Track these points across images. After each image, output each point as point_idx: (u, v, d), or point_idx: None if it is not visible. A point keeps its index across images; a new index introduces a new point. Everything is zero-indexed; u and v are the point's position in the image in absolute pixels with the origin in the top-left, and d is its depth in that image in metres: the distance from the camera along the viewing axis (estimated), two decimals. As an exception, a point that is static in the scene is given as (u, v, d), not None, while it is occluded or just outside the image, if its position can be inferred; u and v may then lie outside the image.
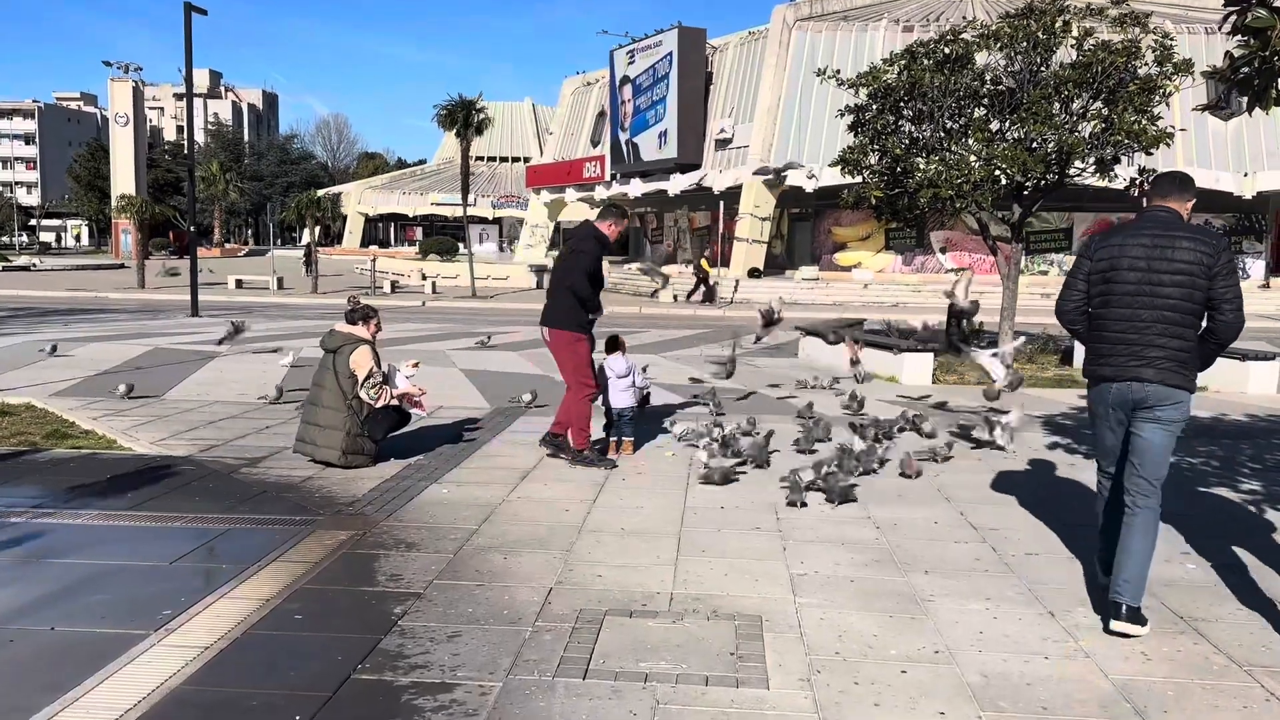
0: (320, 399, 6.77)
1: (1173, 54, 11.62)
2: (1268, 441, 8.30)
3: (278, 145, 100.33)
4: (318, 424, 6.75)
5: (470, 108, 30.03)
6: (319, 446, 6.73)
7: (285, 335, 16.44)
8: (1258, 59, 4.19)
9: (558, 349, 6.95)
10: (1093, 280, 4.24)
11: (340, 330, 6.97)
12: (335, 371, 6.74)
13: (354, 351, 6.75)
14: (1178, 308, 4.03)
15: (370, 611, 4.18)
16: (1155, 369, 4.05)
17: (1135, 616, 4.04)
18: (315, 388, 6.87)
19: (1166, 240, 4.05)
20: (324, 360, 6.88)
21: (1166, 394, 4.06)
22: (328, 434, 6.70)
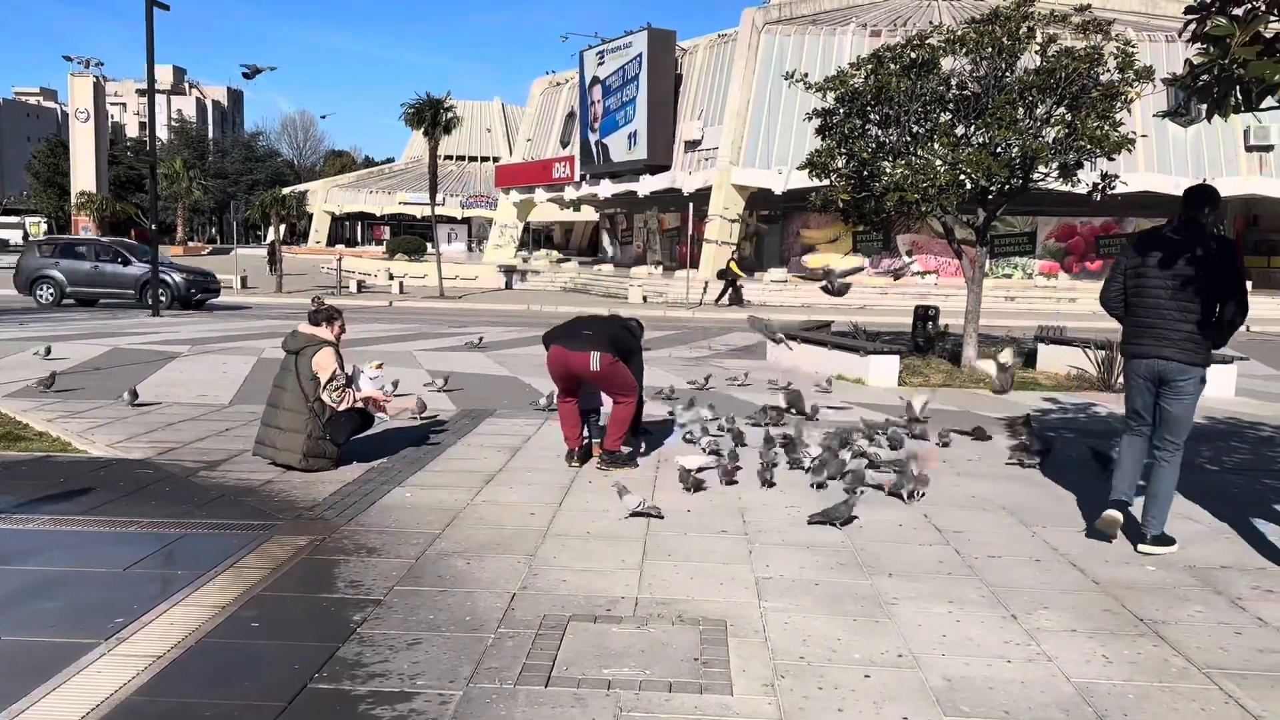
0: (281, 401, 6.66)
1: (1134, 61, 11.76)
2: (1226, 444, 8.41)
3: (243, 142, 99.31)
4: (278, 426, 6.65)
5: (438, 106, 29.87)
6: (279, 449, 6.62)
7: (247, 336, 16.24)
8: (1217, 66, 4.23)
9: (611, 376, 6.73)
10: (1128, 276, 5.38)
11: (303, 331, 6.85)
12: (297, 373, 6.63)
13: (316, 353, 6.64)
14: (1194, 299, 5.08)
15: (329, 619, 4.11)
16: (1176, 348, 5.15)
17: (1161, 540, 5.21)
18: (276, 389, 6.76)
19: (1187, 245, 5.12)
20: (285, 361, 6.77)
21: (1183, 369, 5.18)
22: (288, 436, 6.59)
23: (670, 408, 8.90)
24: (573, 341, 6.70)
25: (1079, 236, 32.27)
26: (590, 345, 6.64)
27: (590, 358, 6.60)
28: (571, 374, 6.75)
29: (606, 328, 6.93)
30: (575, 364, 6.65)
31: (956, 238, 12.86)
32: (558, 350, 6.77)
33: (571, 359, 6.66)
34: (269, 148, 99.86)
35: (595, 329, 6.82)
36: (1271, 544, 5.42)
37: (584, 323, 6.93)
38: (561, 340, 6.77)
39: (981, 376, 11.83)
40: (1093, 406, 10.33)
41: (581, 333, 6.75)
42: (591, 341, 6.67)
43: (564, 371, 6.78)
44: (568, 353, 6.69)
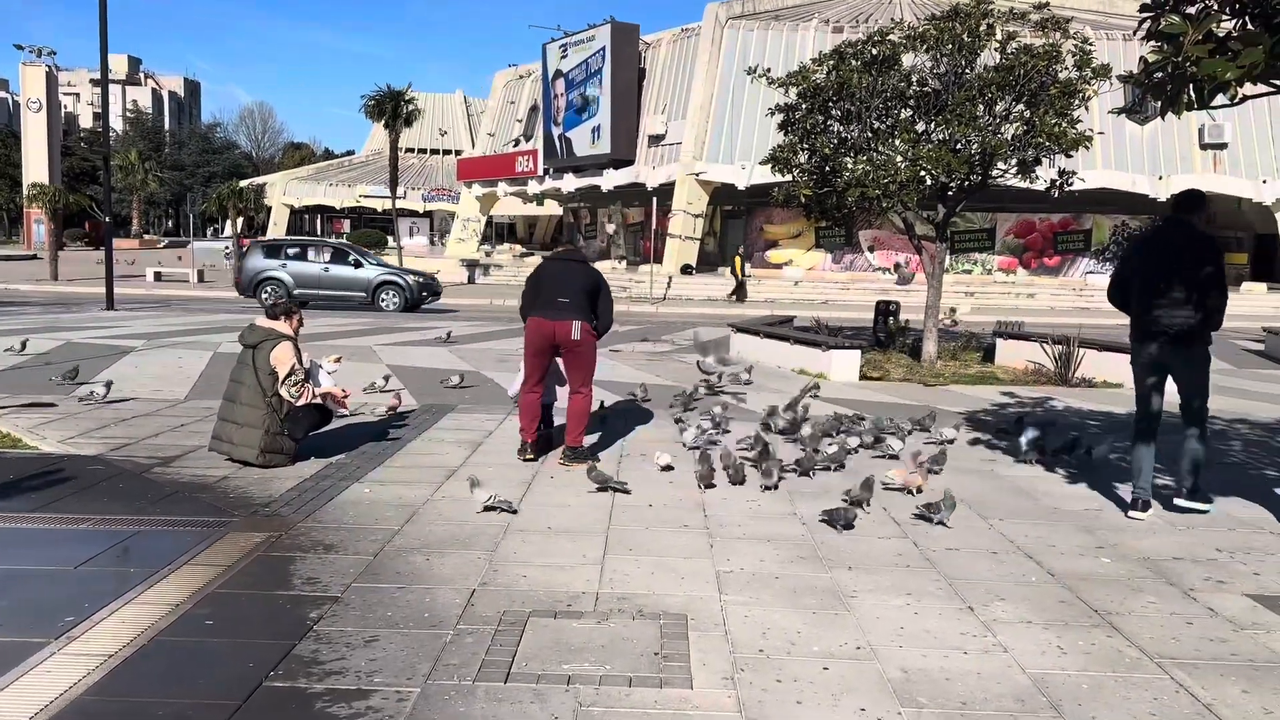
0: (238, 396, 6.57)
1: (1092, 59, 11.92)
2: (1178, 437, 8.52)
3: (200, 134, 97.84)
4: (235, 421, 6.55)
5: (399, 99, 29.65)
6: (236, 445, 6.53)
7: (203, 330, 16.00)
8: (1170, 64, 4.29)
9: (586, 349, 6.87)
10: (1132, 273, 6.05)
11: (260, 325, 6.76)
12: (255, 368, 6.54)
13: (275, 347, 6.56)
14: (1188, 284, 5.69)
15: (285, 616, 4.05)
16: (1177, 330, 5.79)
17: (1194, 494, 5.93)
18: (233, 384, 6.66)
19: (1180, 241, 5.81)
20: (243, 356, 6.68)
21: (1182, 350, 5.86)
22: (245, 432, 6.50)
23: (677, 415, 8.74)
24: (553, 311, 6.77)
25: (1037, 233, 32.71)
26: (571, 314, 6.76)
27: (572, 326, 6.73)
28: (552, 344, 6.82)
29: (577, 286, 6.88)
30: (559, 333, 6.76)
31: (917, 233, 12.97)
32: (538, 321, 6.82)
33: (556, 328, 6.75)
34: (227, 139, 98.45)
35: (570, 293, 6.81)
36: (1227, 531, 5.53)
37: (557, 287, 6.87)
38: (541, 310, 6.82)
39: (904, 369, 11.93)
40: (1050, 400, 10.47)
41: (557, 301, 6.79)
42: (570, 310, 6.77)
43: (545, 343, 6.83)
44: (549, 322, 6.77)
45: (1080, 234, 32.71)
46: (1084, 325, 19.52)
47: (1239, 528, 5.72)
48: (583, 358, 6.91)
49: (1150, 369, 6.03)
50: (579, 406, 6.98)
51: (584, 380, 6.99)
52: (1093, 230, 32.58)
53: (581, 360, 6.93)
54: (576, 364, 6.96)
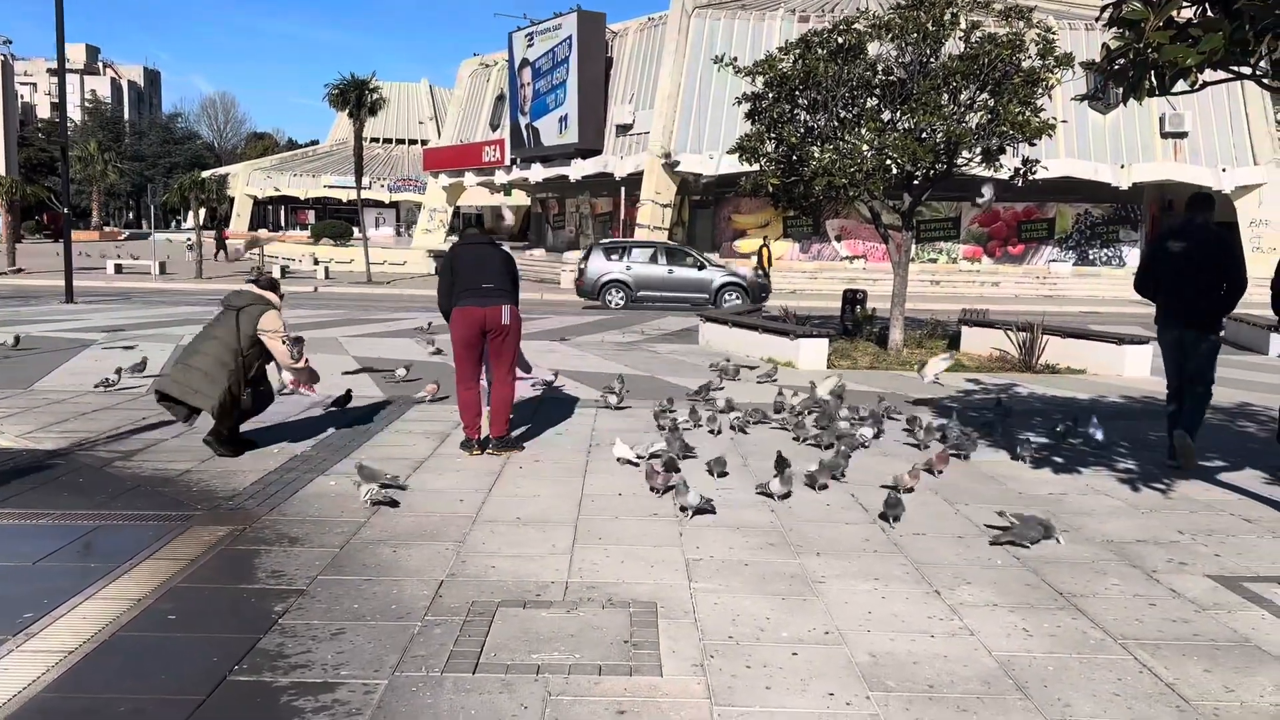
0: (210, 349, 6.50)
1: (1054, 47, 12.02)
2: (1140, 423, 8.66)
3: (160, 124, 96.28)
4: (203, 370, 6.44)
5: (363, 88, 29.29)
6: (195, 390, 6.39)
7: (164, 323, 15.76)
8: (1132, 51, 4.32)
9: (514, 334, 6.88)
10: (1152, 261, 7.02)
11: (250, 290, 6.81)
12: (238, 327, 6.56)
13: (265, 312, 6.63)
14: (1206, 276, 6.59)
15: (249, 610, 4.00)
16: (1194, 319, 6.68)
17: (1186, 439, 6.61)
18: (206, 338, 6.59)
19: (1199, 235, 6.68)
20: (224, 316, 6.64)
21: (1199, 337, 6.73)
22: (209, 383, 6.40)
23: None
24: (480, 298, 6.73)
25: (1002, 221, 32.98)
26: (498, 298, 6.75)
27: (502, 311, 6.73)
28: (482, 331, 6.75)
29: (498, 269, 6.86)
30: (489, 319, 6.72)
31: (883, 222, 13.04)
32: (466, 310, 6.73)
33: (486, 315, 6.71)
34: (188, 130, 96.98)
35: (493, 277, 6.79)
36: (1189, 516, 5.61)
37: (478, 273, 6.81)
38: (466, 299, 6.74)
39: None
40: (1014, 387, 10.57)
41: (482, 286, 6.75)
42: (497, 294, 6.76)
43: (474, 333, 6.75)
44: (479, 309, 6.71)
45: (1044, 222, 33.03)
46: (1048, 312, 19.75)
47: (1200, 510, 5.80)
48: (510, 345, 6.90)
49: (1173, 348, 6.95)
50: (504, 395, 6.95)
51: (509, 369, 6.99)
52: (1056, 219, 32.91)
53: (507, 348, 6.89)
54: (502, 352, 6.88)
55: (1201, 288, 6.63)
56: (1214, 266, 6.63)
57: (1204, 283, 6.63)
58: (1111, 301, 27.49)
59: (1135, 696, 3.41)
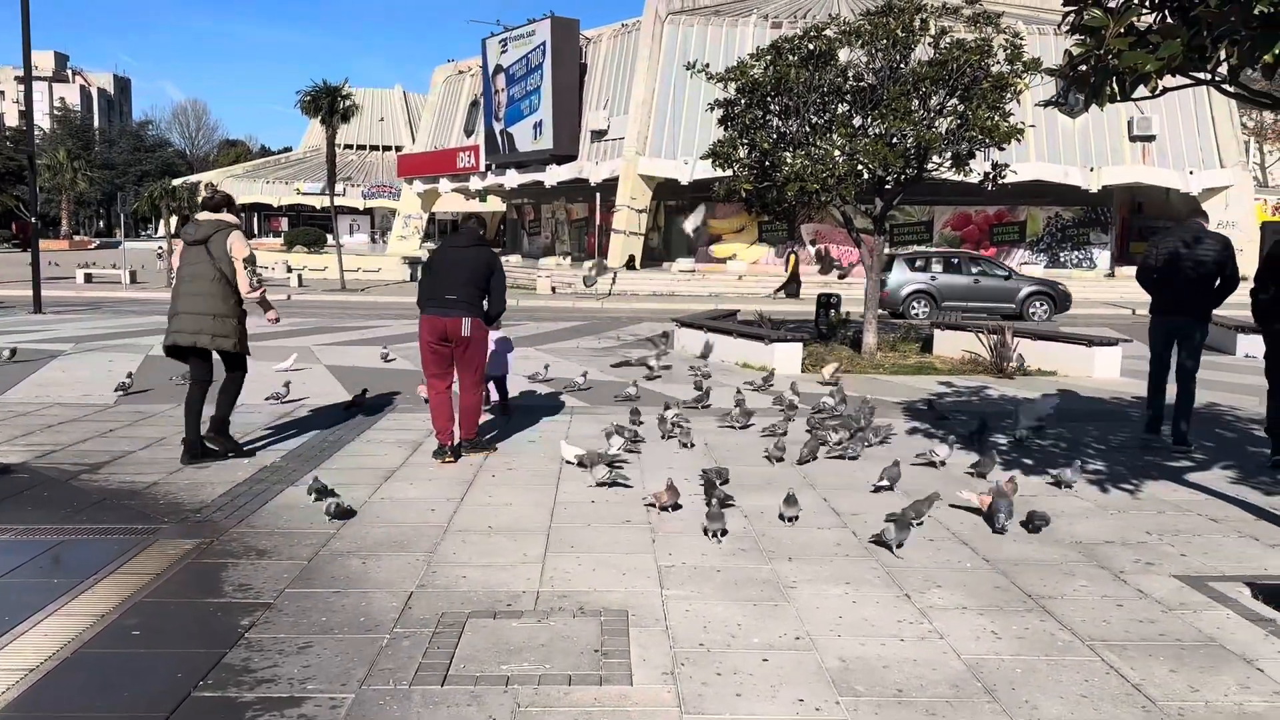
0: (205, 289, 6.57)
1: (1022, 52, 12.12)
2: (1111, 423, 8.75)
3: (131, 132, 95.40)
4: (212, 313, 6.56)
5: (336, 94, 29.14)
6: (216, 335, 6.59)
7: (134, 333, 15.59)
8: (1093, 57, 4.36)
9: (478, 344, 6.95)
10: (1155, 258, 7.81)
11: (205, 219, 6.75)
12: (213, 259, 6.58)
13: (230, 236, 6.65)
14: (1203, 275, 7.51)
15: (215, 624, 3.96)
16: (1189, 311, 7.62)
17: (1180, 440, 7.58)
18: (193, 280, 6.60)
19: (1198, 238, 7.65)
20: (193, 254, 6.63)
21: (1194, 325, 7.66)
22: (222, 322, 6.59)
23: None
24: (442, 308, 6.82)
25: (973, 225, 33.24)
26: (460, 310, 6.81)
27: (462, 323, 6.80)
28: (446, 338, 6.85)
29: (467, 276, 6.86)
30: (450, 329, 6.81)
31: (856, 227, 13.10)
32: (429, 319, 6.86)
33: (447, 325, 6.81)
34: (159, 137, 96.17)
35: (458, 287, 6.83)
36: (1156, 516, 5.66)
37: (446, 281, 6.86)
38: (431, 308, 6.86)
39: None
40: (985, 389, 10.64)
41: (445, 298, 6.83)
42: (459, 306, 6.82)
43: (438, 339, 6.86)
44: (441, 319, 6.81)
45: (1015, 225, 33.32)
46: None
47: (1167, 510, 5.86)
48: (474, 354, 6.96)
49: (1164, 337, 7.85)
50: (471, 403, 7.06)
51: (475, 380, 7.07)
52: (1027, 222, 33.21)
53: (472, 357, 6.95)
54: (468, 361, 6.95)
55: (1192, 286, 7.56)
56: (1203, 267, 7.53)
57: (1194, 281, 7.56)
58: (1081, 303, 27.71)
59: (1102, 698, 3.43)
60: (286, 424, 8.06)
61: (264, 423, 8.00)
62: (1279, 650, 3.83)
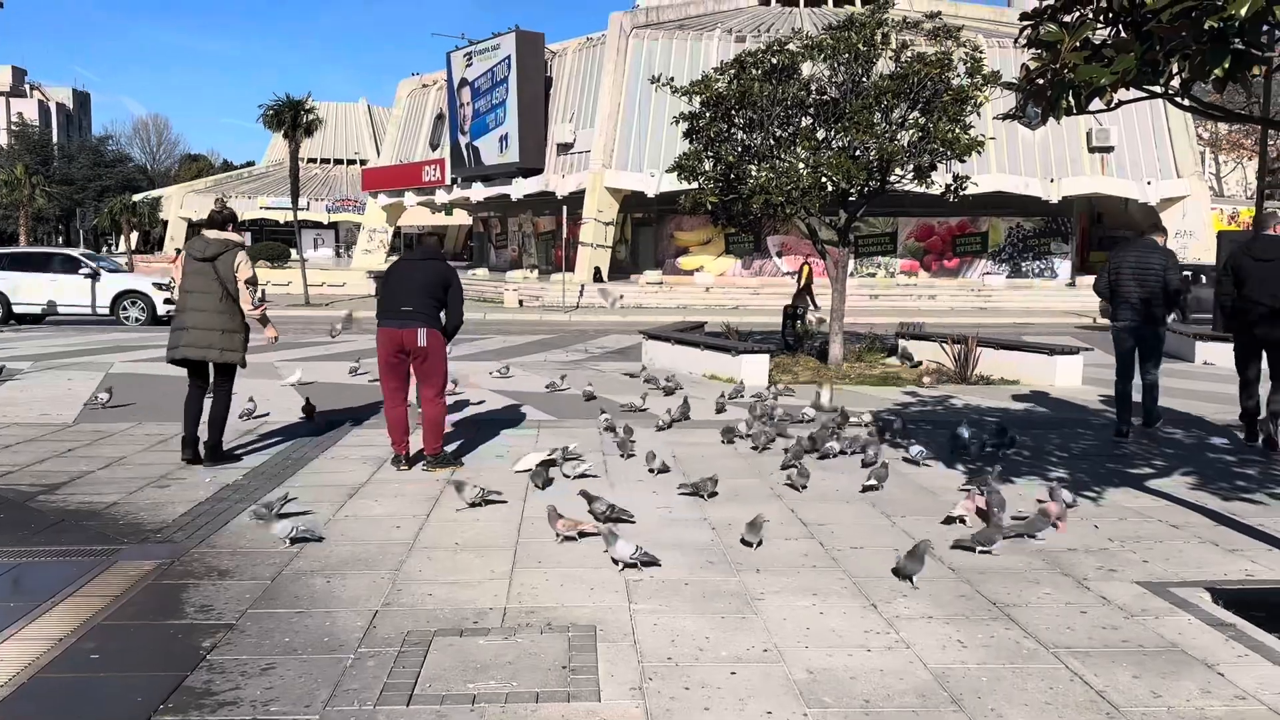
0: (213, 305, 6.87)
1: (982, 66, 12.29)
2: (1073, 431, 8.86)
3: (90, 147, 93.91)
4: (220, 329, 6.88)
5: (299, 108, 29.00)
6: (224, 350, 6.92)
7: (97, 350, 15.35)
8: (1050, 70, 4.43)
9: (436, 356, 6.98)
10: (1110, 271, 8.66)
11: (212, 237, 7.01)
12: (220, 278, 6.88)
13: (236, 257, 6.95)
14: (1154, 285, 8.42)
15: (176, 646, 3.89)
16: (1143, 315, 8.47)
17: (1151, 419, 8.73)
18: (200, 295, 6.88)
19: (1146, 252, 8.58)
20: (201, 269, 6.89)
21: (1147, 328, 8.54)
22: (229, 336, 6.93)
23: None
24: (398, 320, 6.88)
25: (937, 236, 33.62)
26: (416, 321, 6.88)
27: (417, 334, 6.86)
28: (402, 349, 6.92)
29: (423, 289, 6.91)
30: (406, 341, 6.88)
31: (821, 238, 13.20)
32: (386, 331, 6.93)
33: (403, 336, 6.87)
34: (119, 152, 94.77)
35: (414, 299, 6.89)
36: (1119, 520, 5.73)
37: (402, 293, 6.92)
38: (386, 320, 6.93)
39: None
40: (950, 399, 10.74)
41: (401, 310, 6.89)
42: (415, 317, 6.88)
43: (394, 351, 6.93)
44: (397, 330, 6.88)
45: (977, 236, 33.73)
46: (982, 324, 20.15)
47: (1129, 517, 5.93)
48: (433, 365, 7.00)
49: (1127, 337, 8.66)
50: (434, 415, 7.07)
51: (438, 390, 7.09)
52: (989, 233, 33.63)
53: (431, 367, 7.00)
54: (427, 372, 7.01)
55: (1147, 293, 8.45)
56: (1152, 275, 8.45)
57: (1148, 288, 8.45)
58: (1043, 312, 28.11)
59: (1066, 705, 3.46)
60: (250, 441, 7.96)
61: (228, 440, 7.87)
62: (1239, 655, 3.89)
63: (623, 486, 6.56)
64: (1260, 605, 4.48)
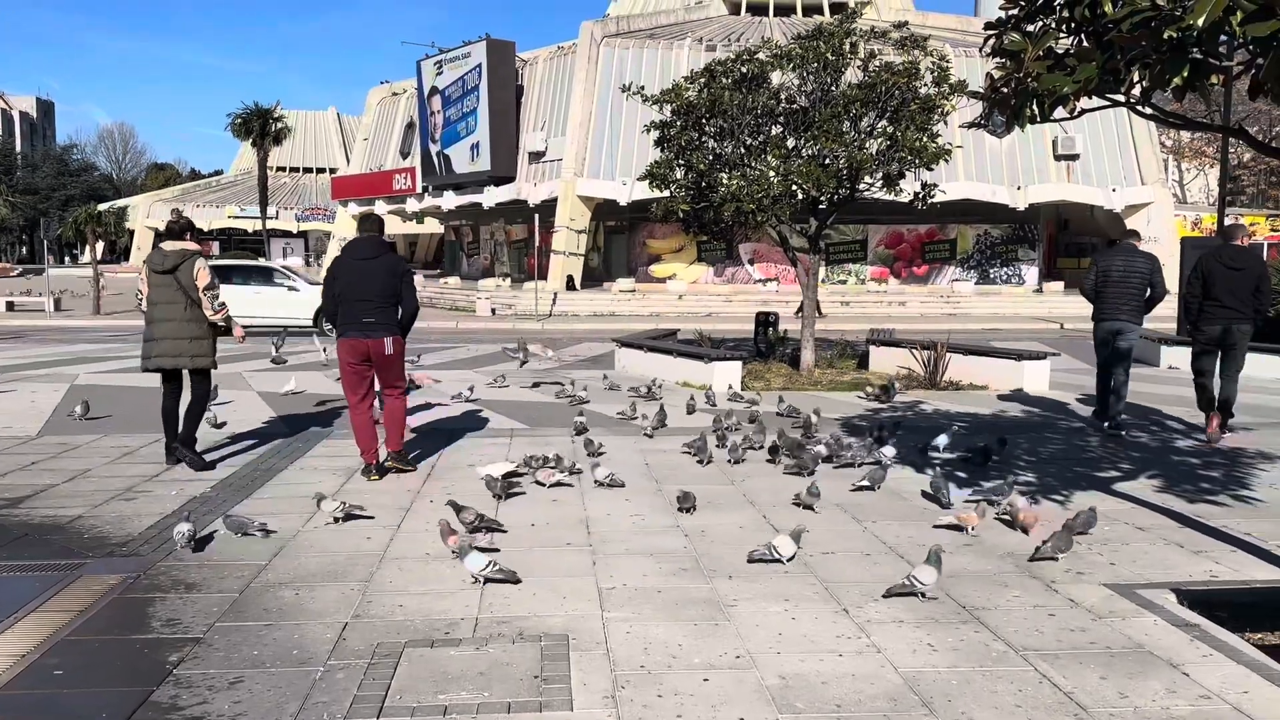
0: (179, 315, 7.13)
1: (949, 75, 12.42)
2: (1040, 435, 8.95)
3: (55, 156, 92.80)
4: (188, 337, 7.16)
5: (267, 116, 28.86)
6: (195, 356, 7.23)
7: (61, 361, 15.14)
8: (1014, 80, 4.49)
9: (396, 359, 7.13)
10: (1098, 274, 9.23)
11: (170, 249, 7.18)
12: (182, 287, 7.11)
13: (195, 265, 7.14)
14: (1136, 286, 9.06)
15: (142, 661, 3.84)
16: (1124, 316, 9.08)
17: (1117, 425, 9.05)
18: (166, 305, 7.12)
19: (1131, 256, 9.19)
20: (163, 280, 7.11)
21: (1129, 327, 9.12)
22: (199, 344, 7.23)
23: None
24: (361, 331, 6.98)
25: (906, 243, 33.88)
26: (380, 331, 7.01)
27: (384, 344, 7.01)
28: (366, 358, 7.04)
29: (380, 292, 6.98)
30: (373, 350, 7.01)
31: (792, 246, 13.26)
32: (350, 343, 7.02)
33: (370, 346, 7.00)
34: (84, 161, 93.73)
35: (374, 308, 6.97)
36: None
37: (360, 302, 6.96)
38: (349, 331, 7.01)
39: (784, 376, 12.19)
40: (920, 404, 10.82)
41: (363, 321, 6.98)
42: (379, 328, 7.00)
43: (361, 357, 7.04)
44: (363, 341, 6.99)
45: (946, 243, 34.03)
46: (951, 330, 20.31)
47: (1096, 520, 5.98)
48: (395, 366, 7.17)
49: (1105, 338, 9.21)
50: (396, 408, 7.26)
51: (401, 388, 7.31)
52: (957, 240, 33.94)
53: (393, 367, 7.17)
54: (389, 372, 7.18)
55: (1124, 297, 9.05)
56: (1141, 276, 9.04)
57: (1126, 293, 9.05)
58: (1011, 318, 28.37)
59: (1036, 707, 3.49)
60: (218, 452, 7.87)
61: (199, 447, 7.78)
62: (1204, 655, 3.94)
63: (594, 495, 6.54)
64: (1224, 605, 4.55)
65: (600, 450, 7.73)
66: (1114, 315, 9.11)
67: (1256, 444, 8.43)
